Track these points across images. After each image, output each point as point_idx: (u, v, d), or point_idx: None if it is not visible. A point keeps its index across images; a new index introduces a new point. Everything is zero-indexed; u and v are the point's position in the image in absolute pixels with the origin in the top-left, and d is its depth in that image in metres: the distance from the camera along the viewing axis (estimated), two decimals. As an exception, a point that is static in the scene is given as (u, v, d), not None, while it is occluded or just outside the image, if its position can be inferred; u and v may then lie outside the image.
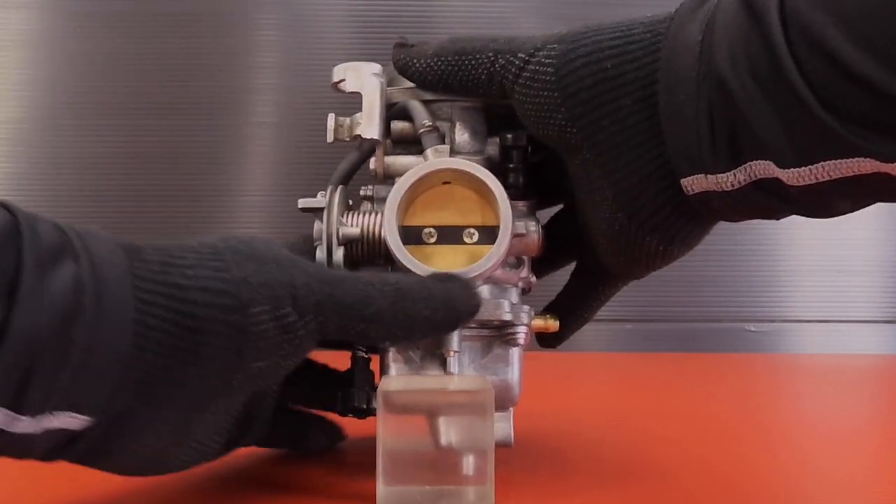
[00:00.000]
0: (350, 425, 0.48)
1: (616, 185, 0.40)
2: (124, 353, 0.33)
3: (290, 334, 0.36)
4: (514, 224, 0.41)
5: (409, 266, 0.40)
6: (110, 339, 0.32)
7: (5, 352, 0.30)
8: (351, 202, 0.44)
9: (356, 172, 0.47)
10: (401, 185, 0.41)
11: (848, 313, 0.95)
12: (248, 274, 0.35)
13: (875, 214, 0.93)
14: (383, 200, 0.42)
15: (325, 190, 0.43)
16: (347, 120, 0.44)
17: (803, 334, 0.94)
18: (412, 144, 0.45)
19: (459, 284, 0.40)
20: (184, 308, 0.34)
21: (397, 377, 0.42)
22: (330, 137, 0.44)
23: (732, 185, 0.38)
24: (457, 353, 0.41)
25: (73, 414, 0.32)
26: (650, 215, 0.40)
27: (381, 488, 0.38)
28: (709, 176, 0.38)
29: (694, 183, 0.39)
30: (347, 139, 0.44)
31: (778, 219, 0.40)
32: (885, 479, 0.49)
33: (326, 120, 0.44)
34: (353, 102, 0.44)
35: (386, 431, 0.38)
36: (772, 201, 0.38)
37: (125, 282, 0.33)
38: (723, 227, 0.43)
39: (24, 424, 0.31)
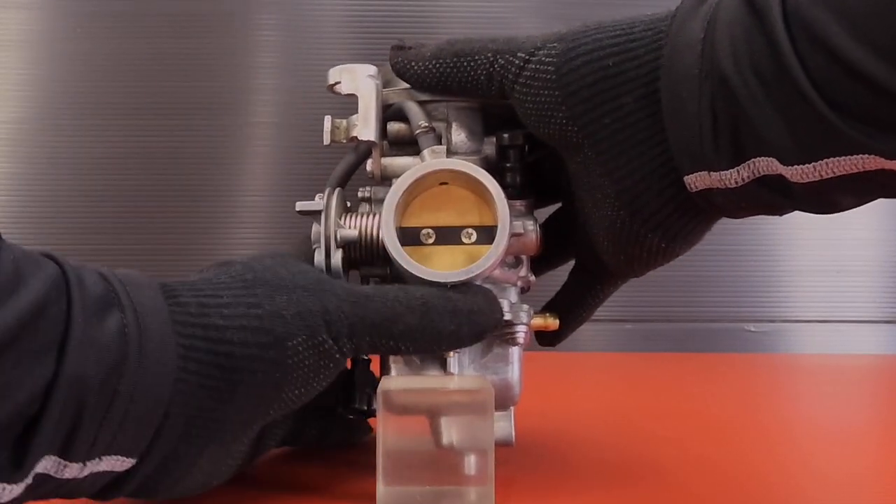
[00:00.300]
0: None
1: (618, 182, 0.40)
2: (166, 399, 0.34)
3: (326, 360, 0.37)
4: (512, 223, 0.41)
5: (407, 267, 0.40)
6: (153, 387, 0.33)
7: (55, 403, 0.30)
8: (349, 204, 0.44)
9: (353, 174, 0.47)
10: (398, 187, 0.41)
11: (848, 313, 0.95)
12: (280, 307, 0.36)
13: (875, 214, 0.93)
14: (381, 202, 0.42)
15: (322, 192, 0.43)
16: (344, 122, 0.44)
17: (803, 334, 0.94)
18: (409, 145, 0.45)
19: (483, 296, 0.40)
20: (222, 349, 0.35)
21: (397, 377, 0.42)
22: (326, 140, 0.44)
23: (736, 182, 0.38)
24: (457, 354, 0.41)
25: (118, 457, 0.33)
26: (653, 213, 0.40)
27: (381, 488, 0.38)
28: (712, 173, 0.38)
29: (697, 180, 0.39)
30: (344, 141, 0.44)
31: (781, 214, 0.40)
32: (885, 479, 0.49)
33: (323, 122, 0.44)
34: (351, 103, 0.44)
35: (386, 431, 0.38)
36: (775, 198, 0.38)
37: (167, 330, 0.34)
38: (723, 227, 0.43)
39: (72, 470, 0.32)
